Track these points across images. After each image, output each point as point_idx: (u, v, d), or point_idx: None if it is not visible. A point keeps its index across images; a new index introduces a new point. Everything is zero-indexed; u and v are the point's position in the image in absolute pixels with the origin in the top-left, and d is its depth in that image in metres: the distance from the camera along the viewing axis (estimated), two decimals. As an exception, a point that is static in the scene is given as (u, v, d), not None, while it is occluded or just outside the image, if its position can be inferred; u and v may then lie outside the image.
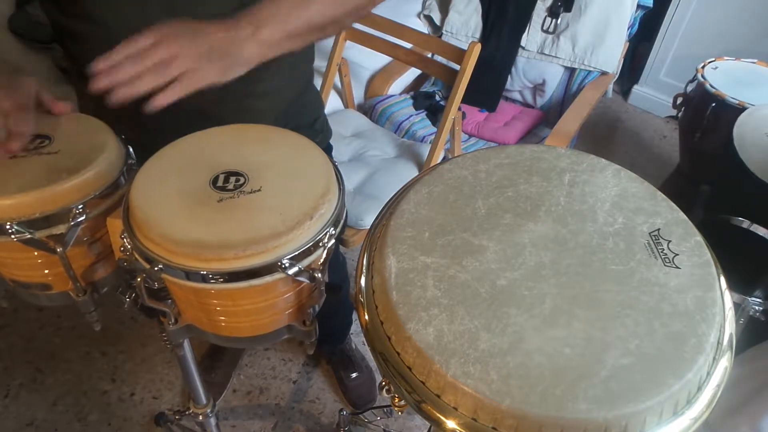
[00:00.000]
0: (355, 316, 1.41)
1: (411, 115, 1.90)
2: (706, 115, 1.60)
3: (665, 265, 0.55)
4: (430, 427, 0.59)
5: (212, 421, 1.06)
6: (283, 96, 0.90)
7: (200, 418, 1.04)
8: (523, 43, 1.98)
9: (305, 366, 1.60)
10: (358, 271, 0.59)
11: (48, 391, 1.52)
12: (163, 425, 1.29)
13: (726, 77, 1.61)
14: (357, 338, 1.60)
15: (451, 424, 0.48)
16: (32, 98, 0.69)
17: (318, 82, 1.80)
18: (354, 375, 1.52)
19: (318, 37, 0.74)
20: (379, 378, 0.88)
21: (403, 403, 0.52)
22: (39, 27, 1.62)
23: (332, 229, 0.62)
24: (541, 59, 2.00)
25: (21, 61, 1.64)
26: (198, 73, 0.62)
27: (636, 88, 2.65)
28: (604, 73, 1.94)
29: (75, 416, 1.47)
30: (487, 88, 2.02)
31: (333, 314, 1.38)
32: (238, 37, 0.65)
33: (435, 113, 1.93)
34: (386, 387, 0.53)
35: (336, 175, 0.66)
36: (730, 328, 0.53)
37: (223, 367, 1.56)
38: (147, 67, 0.60)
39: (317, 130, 1.01)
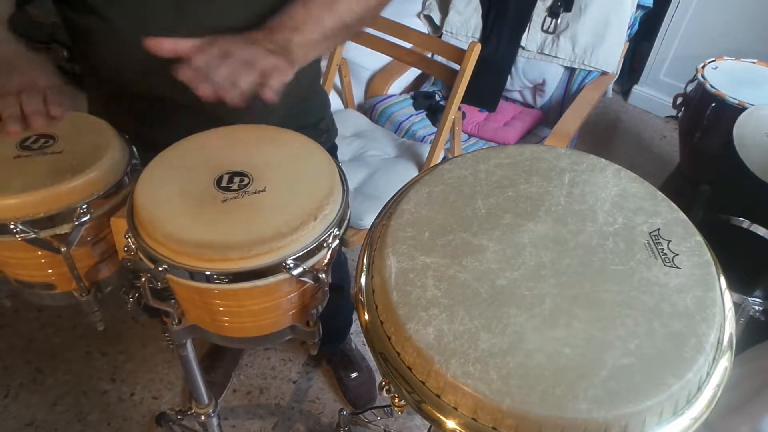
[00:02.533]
0: (355, 316, 1.42)
1: (411, 115, 1.90)
2: (706, 115, 1.61)
3: (665, 265, 0.55)
4: (430, 427, 0.60)
5: (214, 421, 1.06)
6: (289, 94, 0.90)
7: (202, 417, 1.04)
8: (523, 43, 1.99)
9: (305, 366, 1.60)
10: (358, 270, 0.60)
11: (48, 391, 1.52)
12: (165, 425, 1.29)
13: (726, 77, 1.62)
14: (357, 338, 1.60)
15: (451, 424, 0.48)
16: (44, 88, 0.69)
17: (318, 82, 1.80)
18: (354, 375, 1.52)
19: (347, 36, 0.75)
20: (379, 378, 0.88)
21: (403, 403, 0.52)
22: (39, 27, 1.62)
23: (336, 229, 0.62)
24: (541, 59, 2.00)
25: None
26: (280, 67, 0.63)
27: (636, 88, 2.65)
28: (604, 73, 1.94)
29: (75, 416, 1.47)
30: (487, 88, 2.02)
31: (334, 314, 1.38)
32: (284, 41, 0.66)
33: (435, 113, 1.93)
34: (386, 387, 0.53)
35: (340, 175, 0.66)
36: (730, 328, 0.54)
37: (223, 367, 1.56)
38: (237, 66, 0.61)
39: (322, 130, 1.01)
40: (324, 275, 0.61)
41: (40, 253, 0.66)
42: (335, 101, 1.87)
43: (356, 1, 0.72)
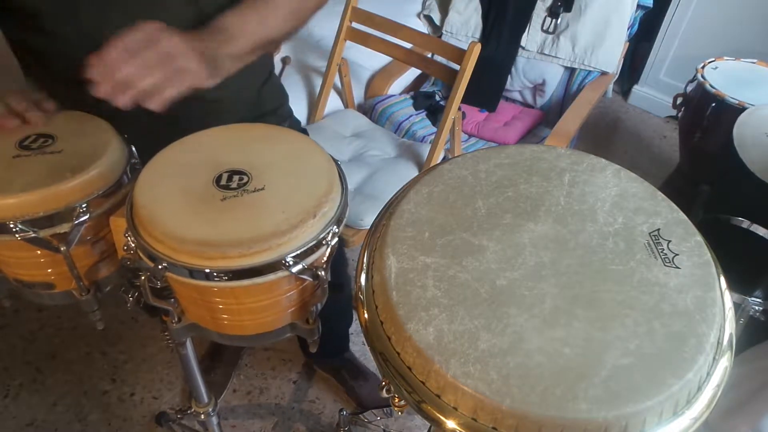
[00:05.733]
0: (355, 316, 1.41)
1: (411, 115, 1.90)
2: (706, 115, 1.61)
3: (665, 265, 0.55)
4: (430, 427, 0.60)
5: (214, 420, 1.06)
6: (242, 98, 0.91)
7: (202, 417, 1.04)
8: (523, 43, 1.99)
9: (305, 366, 1.60)
10: (358, 270, 0.60)
11: (48, 391, 1.52)
12: (165, 425, 1.29)
13: (726, 77, 1.62)
14: (357, 338, 1.60)
15: (451, 424, 0.48)
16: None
17: (318, 82, 1.80)
18: (362, 383, 1.50)
19: (273, 48, 0.77)
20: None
21: (403, 403, 0.52)
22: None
23: (335, 227, 0.62)
24: (541, 59, 2.00)
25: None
26: (193, 73, 0.63)
27: (636, 88, 2.65)
28: (604, 73, 1.94)
29: (75, 416, 1.47)
30: (487, 88, 2.02)
31: (333, 317, 1.37)
32: (217, 47, 0.67)
33: (435, 113, 1.93)
34: (386, 387, 0.53)
35: (338, 173, 0.67)
36: (730, 328, 0.53)
37: (223, 367, 1.56)
38: (150, 61, 0.59)
39: (283, 116, 1.01)
40: (323, 272, 0.62)
41: (39, 252, 0.66)
42: (335, 101, 1.87)
43: (283, 18, 0.74)
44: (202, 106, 0.78)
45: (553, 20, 1.93)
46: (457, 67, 1.49)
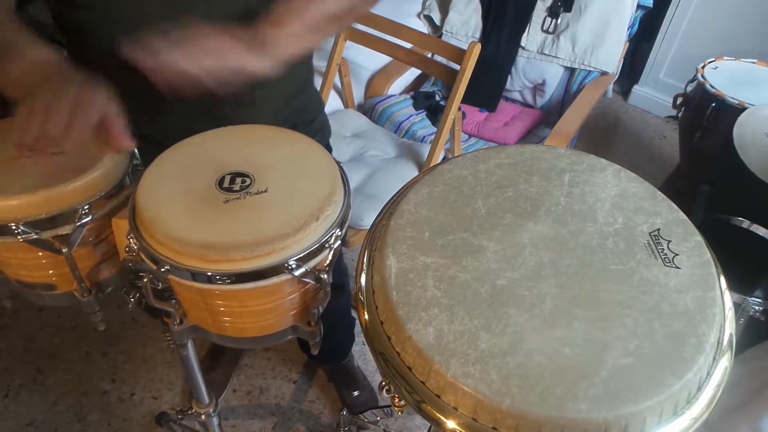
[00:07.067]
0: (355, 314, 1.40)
1: (411, 115, 1.90)
2: (706, 115, 1.61)
3: (665, 265, 0.55)
4: (430, 427, 0.60)
5: (215, 420, 1.06)
6: (281, 88, 0.90)
7: (203, 417, 1.04)
8: (523, 43, 1.99)
9: (305, 366, 1.60)
10: (359, 270, 0.60)
11: (48, 391, 1.52)
12: (165, 425, 1.29)
13: (726, 77, 1.62)
14: (358, 338, 1.60)
15: (451, 424, 0.48)
16: (94, 118, 0.62)
17: (318, 82, 1.80)
18: (356, 393, 1.50)
19: (336, 28, 0.74)
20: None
21: (403, 403, 0.53)
22: (39, 27, 1.62)
23: (338, 230, 0.62)
24: (541, 59, 2.00)
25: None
26: (253, 64, 0.63)
27: (636, 88, 2.65)
28: (604, 73, 1.94)
29: (75, 416, 1.47)
30: (487, 88, 2.02)
31: (334, 326, 1.37)
32: (262, 36, 0.65)
33: (435, 113, 1.93)
34: (386, 387, 0.53)
35: (341, 176, 0.67)
36: (730, 328, 0.54)
37: (223, 367, 1.56)
38: (203, 49, 0.60)
39: (315, 129, 1.01)
40: (325, 276, 0.62)
41: (41, 253, 0.66)
42: (335, 101, 1.87)
43: None
44: (234, 104, 0.78)
45: (553, 20, 1.93)
46: (457, 67, 1.49)
